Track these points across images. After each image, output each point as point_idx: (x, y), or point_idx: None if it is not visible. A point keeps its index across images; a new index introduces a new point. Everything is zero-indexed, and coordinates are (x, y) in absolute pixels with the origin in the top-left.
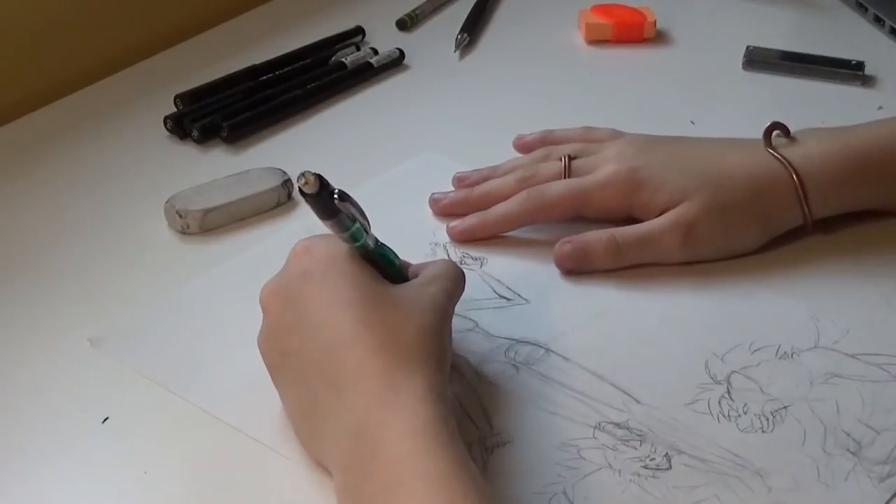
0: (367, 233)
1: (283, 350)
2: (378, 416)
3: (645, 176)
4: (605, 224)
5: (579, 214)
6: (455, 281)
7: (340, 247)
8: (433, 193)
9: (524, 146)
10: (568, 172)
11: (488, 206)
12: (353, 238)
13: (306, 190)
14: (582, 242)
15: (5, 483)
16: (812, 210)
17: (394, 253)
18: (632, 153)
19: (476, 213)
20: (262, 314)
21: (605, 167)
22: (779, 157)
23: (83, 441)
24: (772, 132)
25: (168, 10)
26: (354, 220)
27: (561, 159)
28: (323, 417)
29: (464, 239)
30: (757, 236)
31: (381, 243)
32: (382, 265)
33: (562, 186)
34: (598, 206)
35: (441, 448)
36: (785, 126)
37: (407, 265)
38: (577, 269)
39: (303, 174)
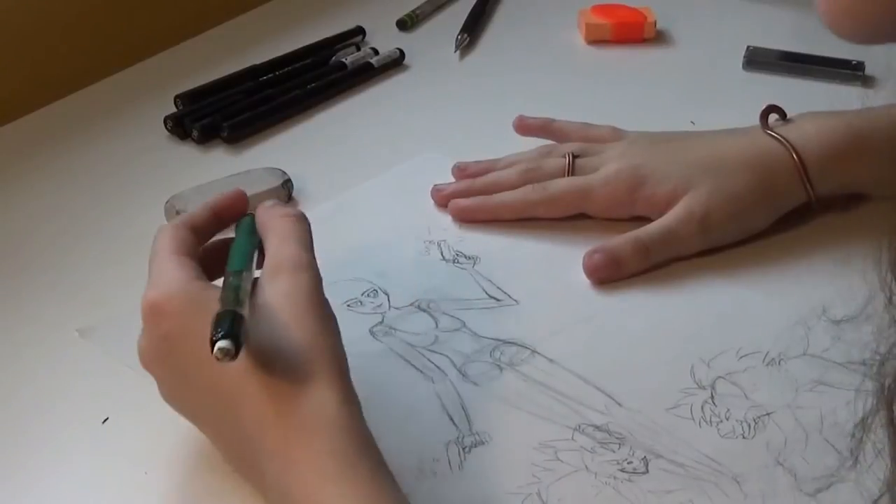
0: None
1: (187, 408)
2: (286, 465)
3: (648, 171)
4: (609, 223)
5: (581, 211)
6: (301, 240)
7: (188, 293)
8: (435, 184)
9: (525, 128)
10: (571, 170)
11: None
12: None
13: (227, 357)
14: (610, 249)
15: (6, 483)
16: (814, 186)
17: (243, 248)
18: (634, 151)
19: (479, 196)
20: None
21: (608, 166)
22: (777, 136)
23: (83, 441)
24: (768, 115)
25: (168, 10)
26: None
27: (564, 157)
28: (255, 469)
29: (463, 217)
30: (765, 216)
31: (229, 268)
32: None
33: (566, 182)
34: (601, 203)
35: (341, 496)
36: (781, 108)
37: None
38: (609, 277)
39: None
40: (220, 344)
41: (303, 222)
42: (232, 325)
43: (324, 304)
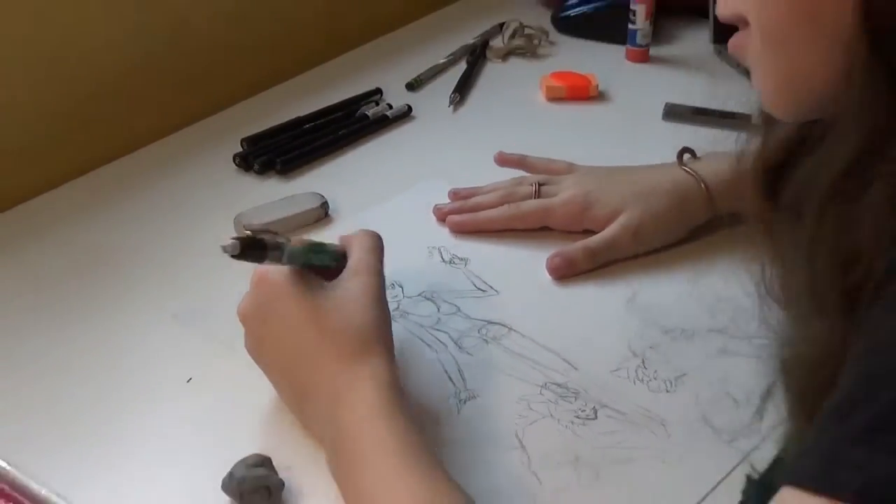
0: (295, 248)
1: (266, 358)
2: (341, 407)
3: (594, 197)
4: (566, 234)
5: (545, 225)
6: (374, 253)
7: (286, 273)
8: (435, 204)
9: (504, 161)
10: (538, 194)
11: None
12: (293, 259)
13: (230, 252)
14: (566, 254)
15: (113, 429)
16: (717, 207)
17: (327, 247)
18: (584, 181)
19: (469, 214)
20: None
21: (565, 192)
22: (690, 171)
23: (172, 397)
24: (683, 155)
25: (234, 75)
26: (277, 246)
27: (532, 185)
28: (310, 409)
29: (457, 229)
30: (681, 229)
31: (310, 244)
32: (324, 261)
33: (534, 203)
34: (559, 219)
35: (386, 428)
36: (692, 150)
37: (341, 249)
38: (566, 275)
39: (225, 245)
40: (231, 238)
41: (379, 238)
42: (255, 238)
43: (384, 301)
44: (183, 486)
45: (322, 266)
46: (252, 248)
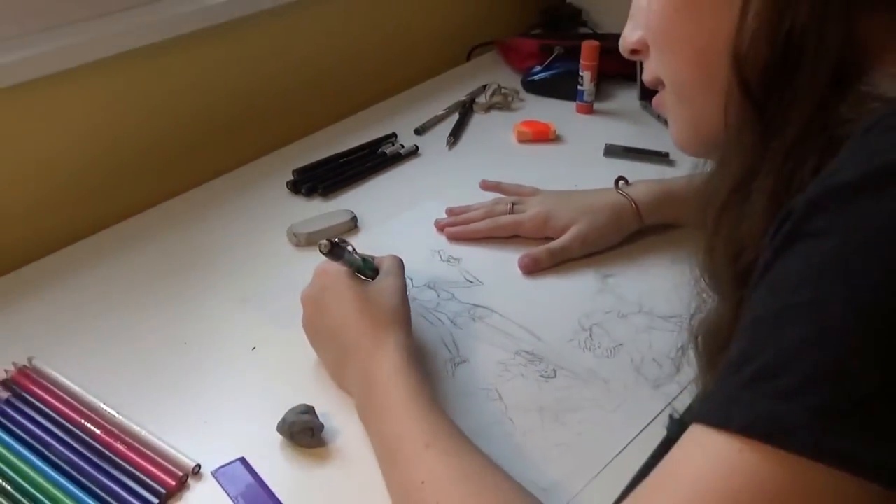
0: (355, 256)
1: (317, 330)
2: (371, 365)
3: (554, 213)
4: (532, 240)
5: (516, 234)
6: (400, 267)
7: (343, 269)
8: (436, 219)
9: (486, 186)
10: (511, 211)
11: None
12: (350, 264)
13: (323, 250)
14: (533, 255)
15: (195, 384)
16: (644, 220)
17: (369, 260)
18: (546, 201)
19: (461, 226)
20: (302, 307)
21: (531, 209)
22: (623, 194)
23: (240, 361)
24: (618, 181)
25: (289, 124)
26: (352, 253)
27: (507, 204)
28: (345, 367)
29: (452, 237)
30: (617, 237)
31: (363, 257)
32: (364, 271)
33: (508, 218)
34: (528, 229)
35: (404, 381)
36: (625, 178)
37: (372, 258)
38: (533, 271)
39: (320, 242)
40: (324, 240)
41: (402, 260)
42: (337, 243)
43: (406, 295)
44: (247, 429)
45: (363, 273)
46: (336, 249)
